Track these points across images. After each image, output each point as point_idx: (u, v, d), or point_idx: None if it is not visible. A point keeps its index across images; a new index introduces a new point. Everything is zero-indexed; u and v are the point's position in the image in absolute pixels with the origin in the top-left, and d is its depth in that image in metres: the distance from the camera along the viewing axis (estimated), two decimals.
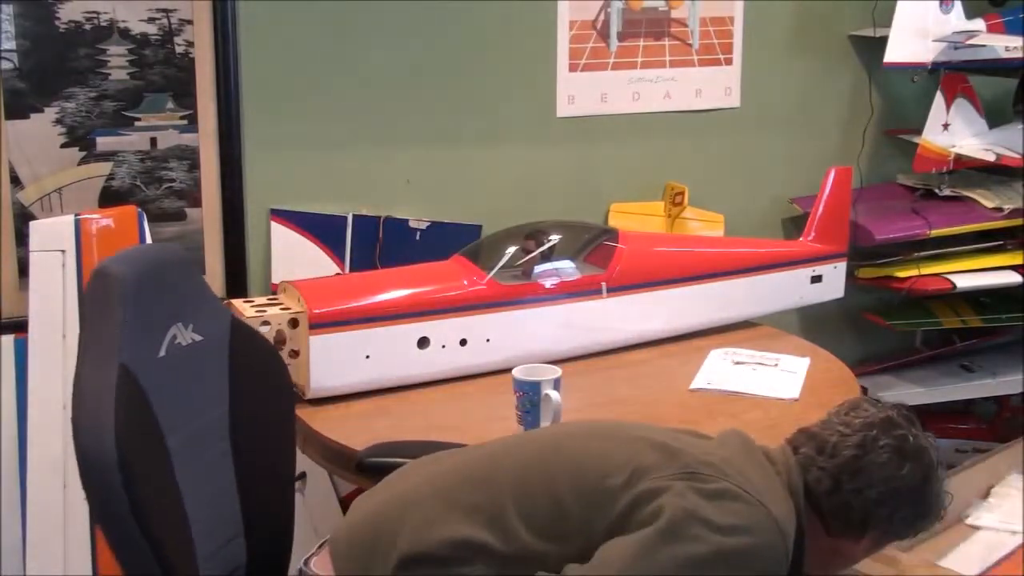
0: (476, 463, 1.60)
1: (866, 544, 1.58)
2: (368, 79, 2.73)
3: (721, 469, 1.49)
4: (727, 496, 1.44)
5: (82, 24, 2.43)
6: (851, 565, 1.65)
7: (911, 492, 1.54)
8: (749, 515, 1.44)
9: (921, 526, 1.59)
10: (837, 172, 2.75)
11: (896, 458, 1.53)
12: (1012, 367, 3.37)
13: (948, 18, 3.08)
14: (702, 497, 1.43)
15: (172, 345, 1.63)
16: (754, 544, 1.42)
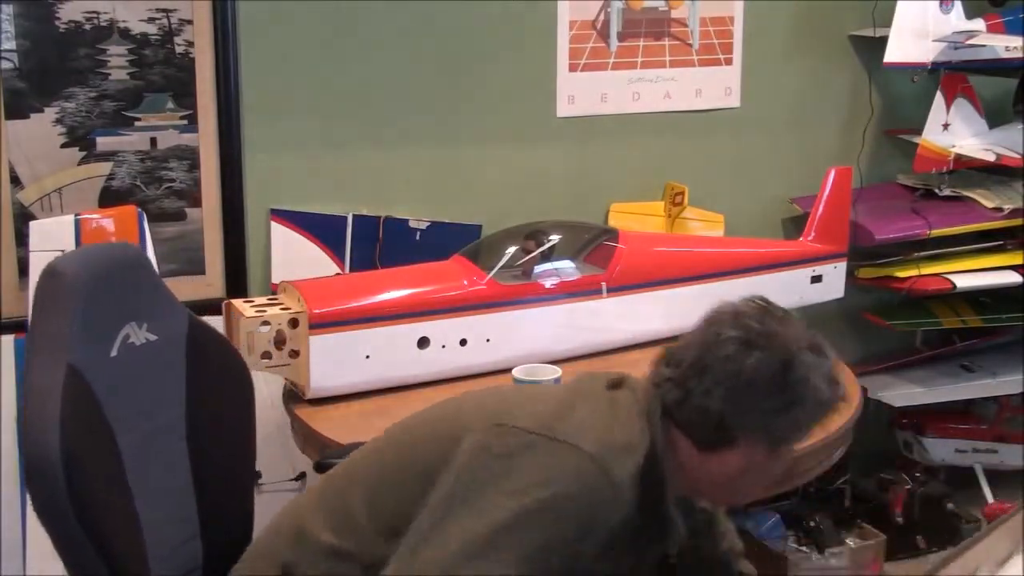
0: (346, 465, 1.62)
1: (749, 453, 1.46)
2: (368, 79, 2.73)
3: (536, 421, 1.43)
4: (521, 452, 1.40)
5: (82, 24, 2.43)
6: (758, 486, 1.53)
7: (767, 383, 1.42)
8: (547, 466, 1.38)
9: (801, 418, 1.45)
10: (837, 172, 2.76)
11: (741, 349, 1.42)
12: (1012, 367, 3.37)
13: (948, 18, 3.08)
14: (494, 459, 1.40)
15: (125, 345, 1.62)
16: (557, 494, 1.36)
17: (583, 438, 1.40)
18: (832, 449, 2.07)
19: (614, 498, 1.39)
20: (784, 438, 1.46)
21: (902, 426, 3.40)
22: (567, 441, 1.40)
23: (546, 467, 1.38)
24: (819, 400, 1.44)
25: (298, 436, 2.11)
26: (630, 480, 1.41)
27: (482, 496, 1.37)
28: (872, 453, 3.35)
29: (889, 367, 3.37)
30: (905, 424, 3.39)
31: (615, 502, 1.39)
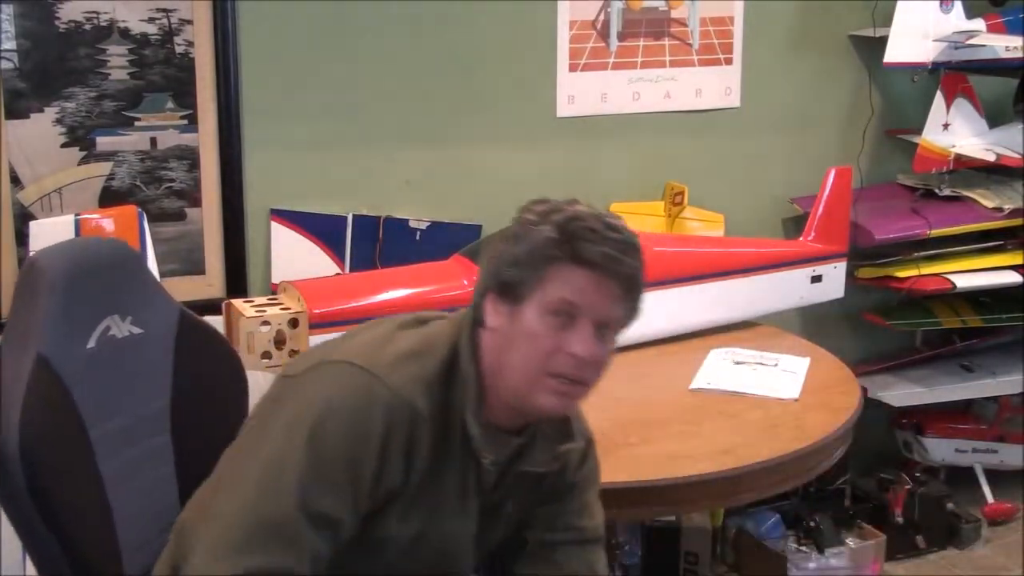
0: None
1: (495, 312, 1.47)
2: (368, 79, 2.73)
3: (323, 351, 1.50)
4: (293, 385, 1.45)
5: (82, 24, 2.43)
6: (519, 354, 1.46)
7: (502, 235, 1.53)
8: (319, 384, 1.43)
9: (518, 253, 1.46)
10: (837, 172, 2.76)
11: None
12: (1012, 367, 3.37)
13: (948, 18, 3.08)
14: (279, 385, 1.48)
15: (104, 337, 1.62)
16: (329, 407, 1.40)
17: (358, 355, 1.45)
18: (832, 449, 2.07)
19: (391, 400, 1.41)
20: (505, 280, 1.46)
21: (902, 426, 3.40)
22: (342, 360, 1.44)
23: (317, 387, 1.43)
24: (539, 237, 1.45)
25: None
26: (417, 384, 1.43)
27: (265, 427, 1.43)
28: (872, 453, 3.35)
29: (889, 367, 3.37)
30: (905, 424, 3.39)
31: (394, 404, 1.41)
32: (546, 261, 1.44)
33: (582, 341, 1.43)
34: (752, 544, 3.04)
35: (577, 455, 1.64)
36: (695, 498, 1.94)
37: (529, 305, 1.44)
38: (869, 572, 3.05)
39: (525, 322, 1.44)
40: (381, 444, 1.40)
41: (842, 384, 2.29)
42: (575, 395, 1.49)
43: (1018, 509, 3.43)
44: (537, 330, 1.43)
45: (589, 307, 1.44)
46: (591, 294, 1.43)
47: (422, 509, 1.48)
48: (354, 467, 1.39)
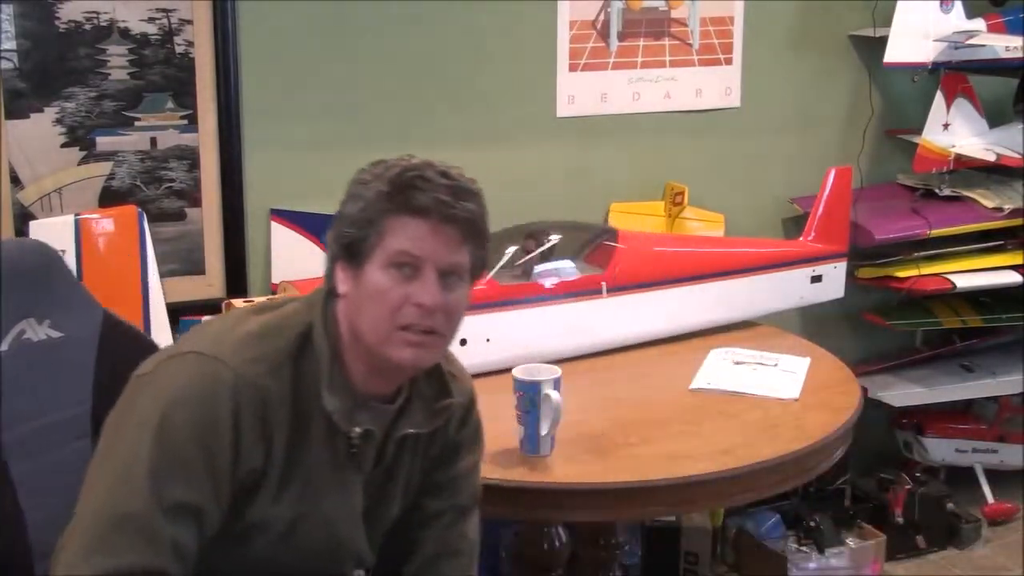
0: None
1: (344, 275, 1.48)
2: (368, 79, 2.73)
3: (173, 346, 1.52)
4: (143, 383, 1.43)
5: (82, 24, 2.43)
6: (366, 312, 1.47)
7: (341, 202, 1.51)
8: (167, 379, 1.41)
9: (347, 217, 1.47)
10: (837, 172, 2.75)
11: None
12: (1012, 367, 3.37)
13: (948, 18, 3.08)
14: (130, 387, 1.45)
15: (18, 340, 1.62)
16: (174, 399, 1.39)
17: (204, 343, 1.44)
18: (832, 449, 2.07)
19: (237, 382, 1.39)
20: (347, 243, 1.47)
21: (902, 426, 3.40)
22: (188, 351, 1.43)
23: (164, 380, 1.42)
24: (371, 193, 1.45)
25: None
26: (264, 363, 1.42)
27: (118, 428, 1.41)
28: (872, 453, 3.35)
29: (889, 367, 3.37)
30: (905, 424, 3.39)
31: (240, 386, 1.40)
32: (380, 215, 1.44)
33: (427, 290, 1.43)
34: (752, 544, 3.04)
35: (459, 412, 1.64)
36: (695, 498, 1.94)
37: (372, 263, 1.45)
38: (869, 572, 3.05)
39: (370, 280, 1.44)
40: (232, 427, 1.39)
41: (842, 384, 2.29)
42: (430, 345, 1.48)
43: (1018, 509, 3.43)
44: (382, 285, 1.44)
45: (430, 255, 1.44)
46: (430, 242, 1.44)
47: (293, 490, 1.46)
48: (206, 453, 1.38)
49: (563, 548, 2.38)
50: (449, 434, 1.64)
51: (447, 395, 1.59)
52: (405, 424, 1.55)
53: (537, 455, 1.91)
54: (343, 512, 1.53)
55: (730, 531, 3.13)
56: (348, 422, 1.48)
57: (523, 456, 1.91)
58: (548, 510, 1.93)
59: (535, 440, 1.90)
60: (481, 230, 1.50)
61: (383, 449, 1.55)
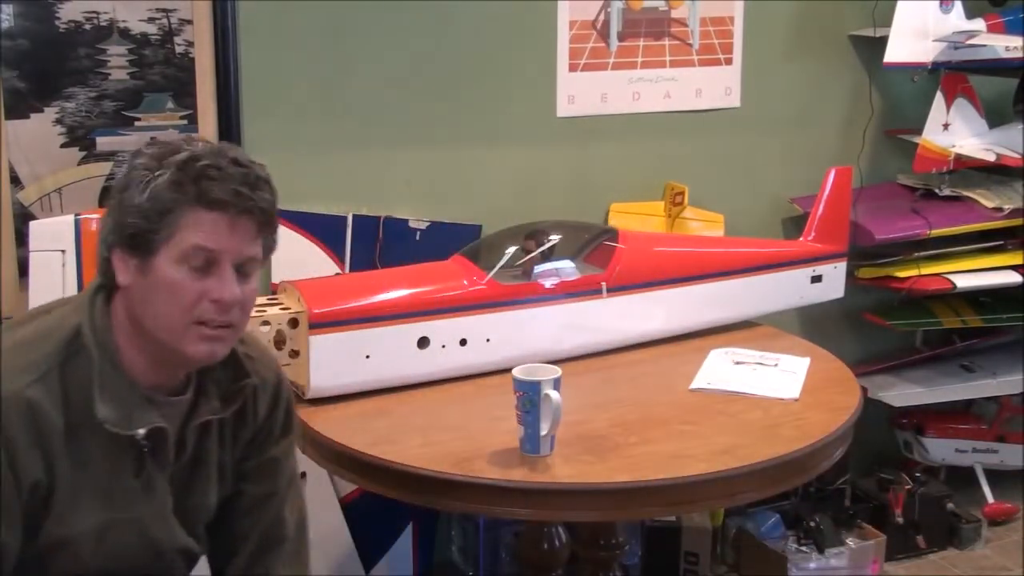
0: None
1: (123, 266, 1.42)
2: (368, 79, 2.73)
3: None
4: None
5: (82, 24, 2.43)
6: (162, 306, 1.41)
7: (117, 185, 1.45)
8: None
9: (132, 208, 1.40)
10: (837, 172, 2.75)
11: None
12: (1012, 367, 3.37)
13: (948, 18, 3.08)
14: None
15: None
16: None
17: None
18: (832, 449, 2.07)
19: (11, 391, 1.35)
20: (131, 233, 1.40)
21: (902, 426, 3.40)
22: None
23: None
24: (160, 182, 1.39)
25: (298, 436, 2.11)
26: (27, 373, 1.37)
27: None
28: (872, 453, 3.36)
29: (889, 367, 3.37)
30: (905, 424, 3.39)
31: (7, 398, 1.35)
32: (172, 207, 1.38)
33: (225, 286, 1.40)
34: (752, 544, 3.04)
35: (267, 394, 1.62)
36: (695, 498, 1.94)
37: (162, 255, 1.39)
38: (869, 572, 3.05)
39: (160, 273, 1.39)
40: (3, 447, 1.34)
41: (842, 384, 2.29)
42: (226, 338, 1.45)
43: (1018, 509, 3.43)
44: (175, 280, 1.39)
45: (227, 249, 1.40)
46: (226, 236, 1.40)
47: (89, 499, 1.42)
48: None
49: (563, 548, 2.38)
50: (259, 417, 1.62)
51: (244, 376, 1.56)
52: (202, 411, 1.52)
53: (537, 455, 1.91)
54: (151, 511, 1.49)
55: (730, 531, 3.13)
56: (128, 425, 1.42)
57: (523, 456, 1.91)
58: (548, 510, 1.93)
59: (535, 440, 1.90)
60: (274, 219, 1.47)
61: (182, 440, 1.51)
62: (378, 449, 1.95)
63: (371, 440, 1.97)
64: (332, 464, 2.06)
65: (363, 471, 1.95)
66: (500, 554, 2.93)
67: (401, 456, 1.92)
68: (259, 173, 1.45)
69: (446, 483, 1.87)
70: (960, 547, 3.27)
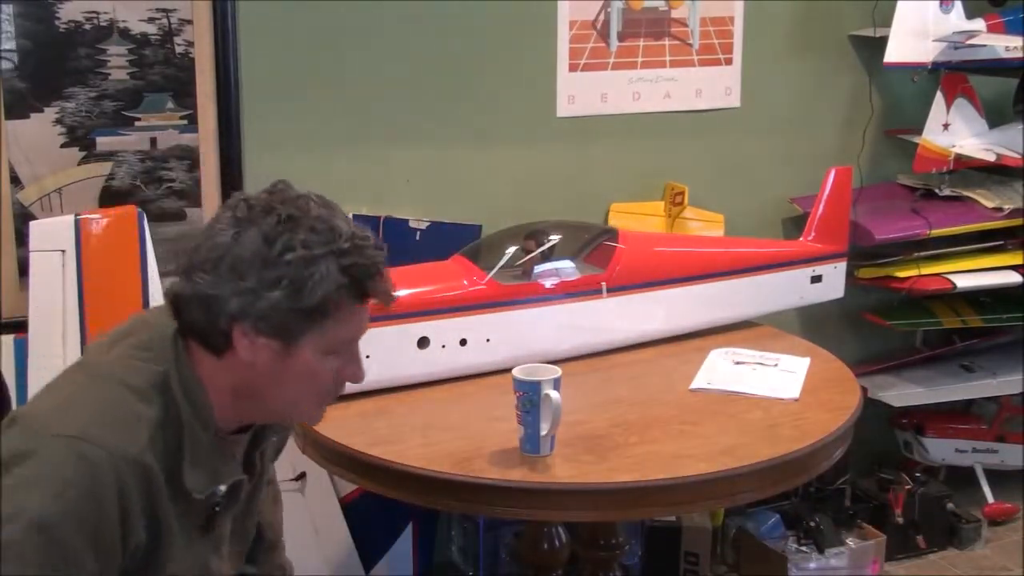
0: None
1: (254, 348, 1.34)
2: (368, 79, 2.73)
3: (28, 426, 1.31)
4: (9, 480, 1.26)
5: (82, 24, 2.43)
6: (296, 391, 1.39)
7: (253, 258, 1.31)
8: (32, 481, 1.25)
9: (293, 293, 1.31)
10: (837, 172, 2.75)
11: (231, 228, 1.32)
12: (1012, 367, 3.37)
13: (948, 18, 3.08)
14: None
15: None
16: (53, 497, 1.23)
17: (64, 422, 1.29)
18: (832, 449, 2.07)
19: (116, 464, 1.27)
20: (279, 321, 1.32)
21: (902, 426, 3.40)
22: (53, 436, 1.28)
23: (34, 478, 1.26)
24: (329, 284, 1.32)
25: (298, 436, 2.11)
26: (137, 436, 1.31)
27: None
28: (872, 453, 3.35)
29: (889, 367, 3.37)
30: (905, 424, 3.39)
31: (122, 469, 1.28)
32: (335, 306, 1.35)
33: (359, 367, 1.44)
34: (752, 544, 3.04)
35: None
36: (695, 498, 1.94)
37: (308, 344, 1.36)
38: (869, 572, 3.05)
39: (303, 361, 1.37)
40: (119, 514, 1.29)
41: (842, 384, 2.29)
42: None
43: (1018, 509, 3.43)
44: (317, 369, 1.39)
45: (361, 333, 1.44)
46: (366, 324, 1.43)
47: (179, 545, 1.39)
48: (96, 546, 1.27)
49: (563, 548, 2.38)
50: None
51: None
52: (268, 436, 1.53)
53: (537, 455, 1.90)
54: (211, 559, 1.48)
55: (730, 531, 3.13)
56: (213, 484, 1.40)
57: (523, 456, 1.91)
58: (548, 510, 1.93)
59: (535, 440, 1.90)
60: None
61: (251, 464, 1.51)
62: (378, 449, 1.95)
63: (371, 440, 1.97)
64: (332, 464, 2.06)
65: (363, 471, 1.95)
66: (500, 554, 2.93)
67: (401, 456, 1.92)
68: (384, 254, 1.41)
69: (446, 483, 1.87)
70: (960, 547, 3.27)
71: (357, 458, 1.94)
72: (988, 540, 3.31)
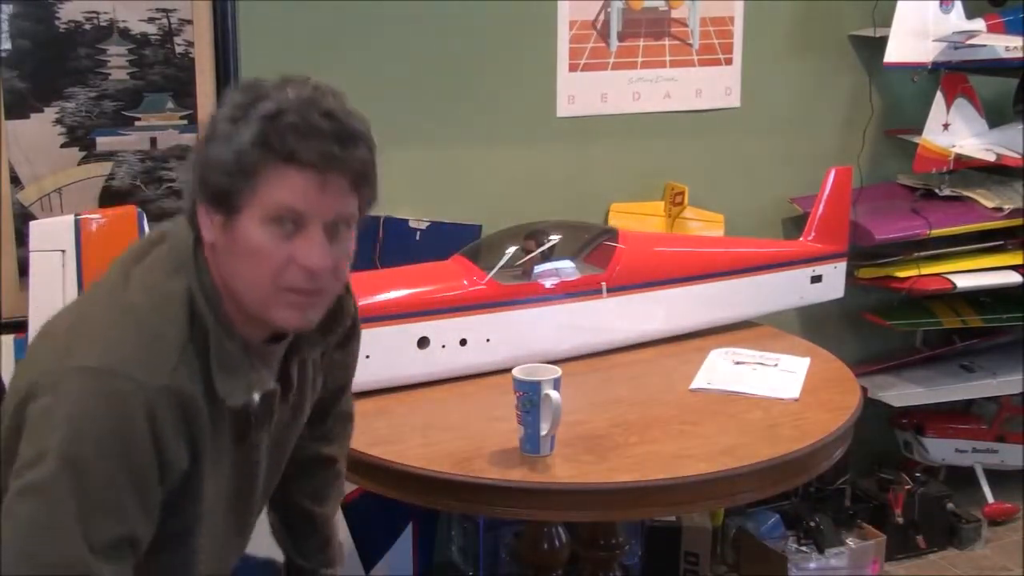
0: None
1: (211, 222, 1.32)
2: (368, 79, 2.73)
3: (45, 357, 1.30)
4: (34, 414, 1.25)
5: (82, 24, 2.43)
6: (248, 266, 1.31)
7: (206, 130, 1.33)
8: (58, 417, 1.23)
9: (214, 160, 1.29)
10: (837, 172, 2.75)
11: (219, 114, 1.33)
12: (1012, 367, 3.37)
13: (948, 18, 3.08)
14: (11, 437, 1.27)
15: None
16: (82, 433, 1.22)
17: (89, 352, 1.26)
18: (832, 449, 2.07)
19: (146, 393, 1.24)
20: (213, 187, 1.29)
21: (902, 426, 3.40)
22: (74, 368, 1.25)
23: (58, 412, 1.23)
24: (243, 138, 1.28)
25: None
26: (167, 359, 1.28)
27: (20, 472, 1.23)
28: (872, 453, 3.35)
29: (889, 367, 3.37)
30: (905, 424, 3.39)
31: (152, 397, 1.25)
32: (255, 164, 1.27)
33: (313, 251, 1.29)
34: (752, 544, 3.04)
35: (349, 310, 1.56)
36: (695, 498, 1.94)
37: (246, 215, 1.29)
38: (869, 572, 3.06)
39: (245, 236, 1.29)
40: (153, 444, 1.25)
41: (842, 384, 2.29)
42: (316, 305, 1.36)
43: (1018, 509, 3.43)
44: (260, 243, 1.29)
45: (315, 210, 1.29)
46: (315, 196, 1.29)
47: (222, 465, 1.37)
48: (132, 479, 1.24)
49: (563, 548, 2.38)
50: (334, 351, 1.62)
51: (343, 313, 1.50)
52: (304, 349, 1.46)
53: (537, 455, 1.91)
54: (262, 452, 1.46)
55: (730, 531, 3.13)
56: (247, 393, 1.35)
57: (523, 456, 1.91)
58: (548, 510, 1.93)
59: (535, 440, 1.90)
60: (371, 175, 1.36)
61: (287, 377, 1.46)
62: (378, 449, 1.95)
63: (371, 440, 1.97)
64: None
65: (363, 471, 1.95)
66: (500, 554, 2.93)
67: (401, 456, 1.92)
68: (354, 126, 1.34)
69: (446, 483, 1.87)
70: (960, 547, 3.27)
71: (357, 458, 1.94)
72: (988, 540, 3.31)
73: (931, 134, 3.11)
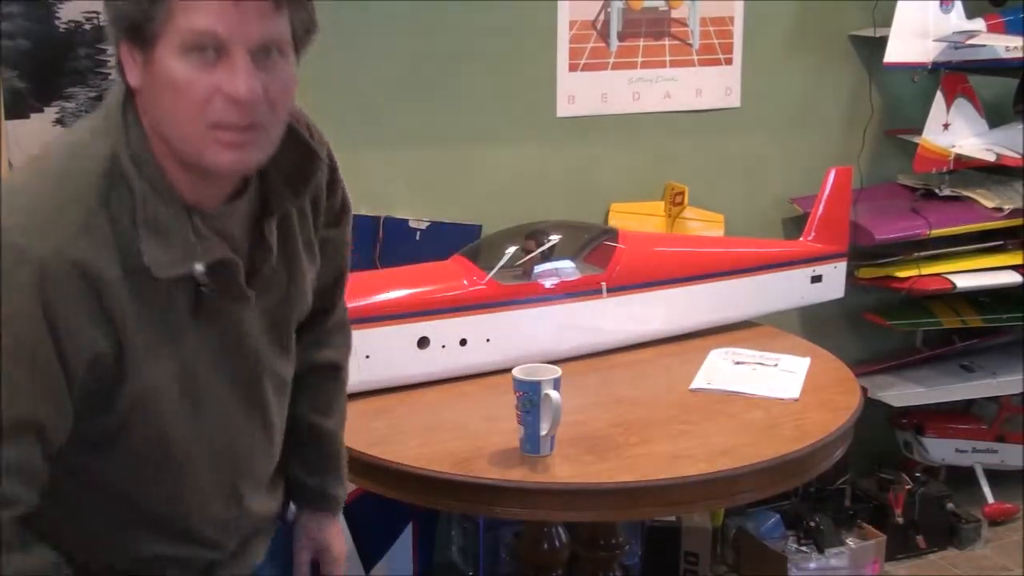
0: None
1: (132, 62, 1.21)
2: (368, 79, 2.73)
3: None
4: None
5: (82, 24, 2.43)
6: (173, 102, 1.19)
7: None
8: None
9: None
10: (837, 172, 2.75)
11: None
12: (1012, 367, 3.37)
13: (948, 18, 3.08)
14: None
15: None
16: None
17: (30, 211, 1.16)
18: (832, 449, 2.07)
19: (37, 264, 1.13)
20: (126, 18, 1.18)
21: (902, 426, 3.40)
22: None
23: None
24: None
25: None
26: (69, 224, 1.16)
27: None
28: (872, 453, 3.35)
29: (889, 367, 3.37)
30: (905, 424, 3.39)
31: (44, 266, 1.14)
32: None
33: (237, 78, 1.16)
34: (752, 544, 3.04)
35: (326, 172, 1.46)
36: (695, 498, 1.94)
37: (163, 45, 1.17)
38: (869, 572, 3.06)
39: (163, 69, 1.17)
40: (47, 325, 1.14)
41: (842, 384, 2.29)
42: (254, 143, 1.22)
43: (1018, 509, 3.43)
44: (179, 74, 1.16)
45: (236, 33, 1.16)
46: (233, 16, 1.15)
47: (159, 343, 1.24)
48: (24, 365, 1.14)
49: (563, 548, 2.38)
50: (323, 193, 1.48)
51: (311, 156, 1.40)
52: (273, 206, 1.34)
53: (537, 455, 1.91)
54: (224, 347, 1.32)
55: (730, 531, 3.13)
56: (183, 263, 1.22)
57: (523, 456, 1.91)
58: (548, 510, 1.93)
59: (535, 440, 1.90)
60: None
61: (264, 242, 1.33)
62: (378, 449, 1.95)
63: (371, 440, 1.97)
64: None
65: (363, 471, 1.95)
66: (500, 554, 2.93)
67: (401, 456, 1.92)
68: None
69: (446, 483, 1.87)
70: (960, 547, 3.28)
71: (357, 458, 1.93)
72: (988, 540, 3.31)
73: (931, 134, 3.11)
